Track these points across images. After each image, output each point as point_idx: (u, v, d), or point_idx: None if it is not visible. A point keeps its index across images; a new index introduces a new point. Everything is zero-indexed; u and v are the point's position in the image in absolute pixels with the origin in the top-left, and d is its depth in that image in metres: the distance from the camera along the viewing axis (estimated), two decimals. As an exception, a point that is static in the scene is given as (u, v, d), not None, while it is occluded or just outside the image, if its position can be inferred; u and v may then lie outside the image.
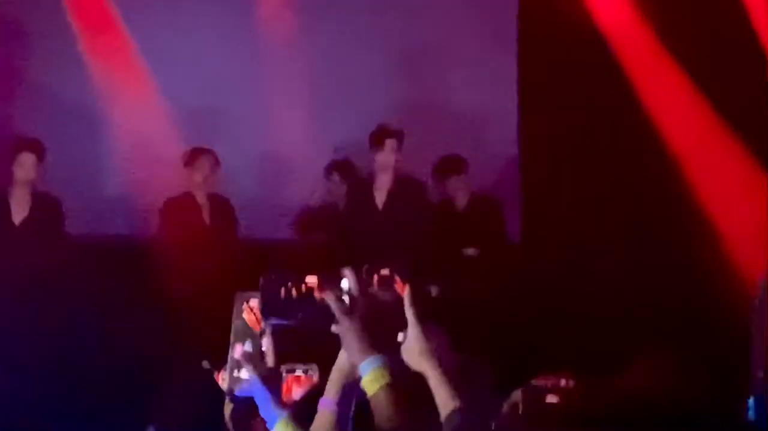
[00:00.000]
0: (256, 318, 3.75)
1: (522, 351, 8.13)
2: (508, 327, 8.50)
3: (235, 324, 3.83)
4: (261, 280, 3.34)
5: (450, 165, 9.28)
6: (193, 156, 9.11)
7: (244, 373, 3.76)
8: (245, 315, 3.77)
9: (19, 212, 8.98)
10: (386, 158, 8.97)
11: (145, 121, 9.66)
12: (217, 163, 9.15)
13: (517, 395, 3.60)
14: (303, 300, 3.35)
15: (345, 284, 3.36)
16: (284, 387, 3.70)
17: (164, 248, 8.84)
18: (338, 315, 3.38)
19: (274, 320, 3.46)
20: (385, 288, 3.32)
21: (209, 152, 9.12)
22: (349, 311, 3.37)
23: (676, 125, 9.40)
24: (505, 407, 3.65)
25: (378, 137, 8.97)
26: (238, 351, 3.77)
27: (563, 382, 3.50)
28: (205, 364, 4.05)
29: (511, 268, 9.14)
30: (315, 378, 3.73)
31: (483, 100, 9.96)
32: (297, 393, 3.79)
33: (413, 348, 3.30)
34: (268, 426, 3.75)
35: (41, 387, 8.12)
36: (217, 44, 9.79)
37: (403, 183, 9.07)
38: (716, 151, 9.34)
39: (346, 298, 3.36)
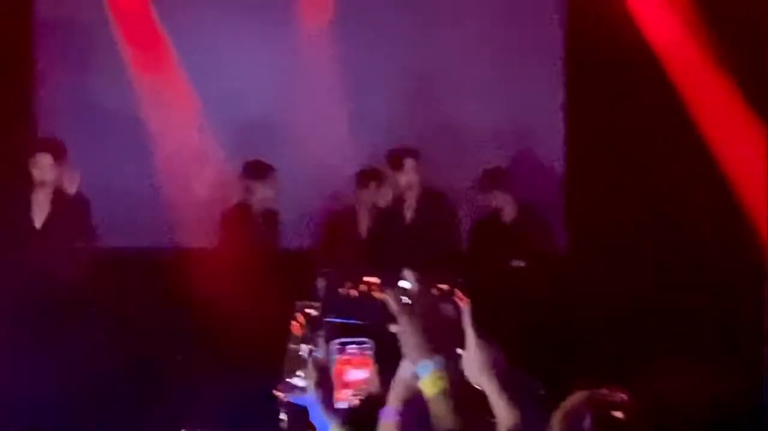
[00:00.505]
0: (309, 325, 3.65)
1: (567, 361, 7.99)
2: (554, 336, 8.37)
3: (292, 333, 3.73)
4: (320, 279, 3.23)
5: (494, 177, 9.21)
6: (264, 170, 9.06)
7: (297, 380, 3.66)
8: (297, 323, 3.67)
9: (40, 214, 8.71)
10: (409, 177, 9.02)
11: (186, 133, 9.66)
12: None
13: (574, 406, 3.47)
14: (362, 299, 3.25)
15: (404, 284, 3.25)
16: (336, 368, 3.57)
17: (222, 256, 8.78)
18: (398, 315, 3.27)
19: (332, 318, 3.36)
20: (446, 301, 3.23)
21: (274, 168, 9.08)
22: (409, 311, 3.26)
23: (726, 141, 9.23)
24: (562, 417, 3.52)
25: (397, 158, 9.02)
26: (293, 358, 3.67)
27: (622, 397, 3.38)
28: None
29: (558, 279, 8.95)
30: (370, 355, 3.60)
31: (530, 116, 9.89)
32: (351, 374, 3.66)
33: (473, 361, 3.29)
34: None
35: (74, 394, 8.01)
36: (252, 63, 9.85)
37: (429, 197, 9.10)
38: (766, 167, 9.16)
39: (405, 298, 3.25)
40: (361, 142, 9.62)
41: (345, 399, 3.63)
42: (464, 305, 3.32)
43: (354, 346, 3.64)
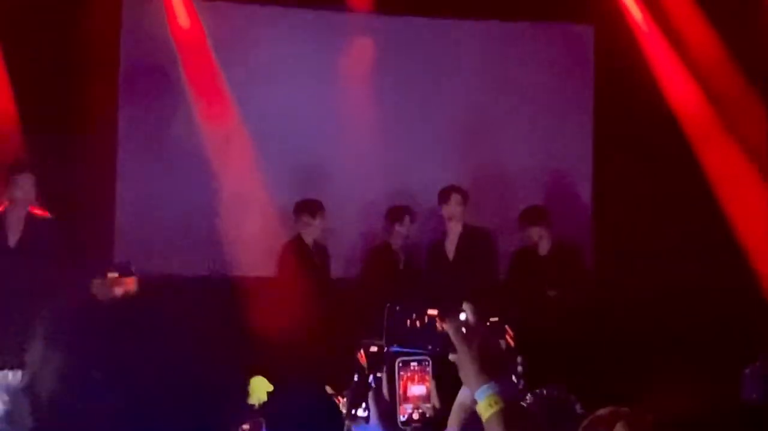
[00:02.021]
0: (372, 357, 3.65)
1: (598, 384, 7.94)
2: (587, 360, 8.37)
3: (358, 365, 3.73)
4: (386, 309, 3.24)
5: (533, 214, 9.41)
6: (316, 207, 9.23)
7: (361, 412, 3.65)
8: (361, 354, 3.67)
9: (14, 233, 8.41)
10: (453, 210, 9.24)
11: (245, 174, 9.75)
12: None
13: (600, 419, 3.46)
14: (425, 330, 3.26)
15: (463, 316, 3.26)
16: (400, 385, 3.56)
17: (283, 285, 8.90)
18: (457, 344, 3.28)
19: (396, 348, 3.37)
20: (497, 334, 3.23)
21: (323, 206, 9.22)
22: (468, 341, 3.26)
23: (733, 194, 9.32)
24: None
25: (445, 193, 9.28)
26: (356, 389, 3.66)
27: (645, 415, 3.35)
28: (328, 389, 3.96)
29: (591, 307, 8.97)
30: (429, 369, 3.59)
31: (563, 160, 10.03)
32: (412, 390, 3.65)
33: None
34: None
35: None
36: (307, 109, 9.93)
37: (471, 233, 9.28)
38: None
39: (464, 329, 3.25)
40: (407, 184, 9.69)
41: (405, 413, 3.61)
42: (512, 340, 3.31)
43: (415, 363, 3.62)
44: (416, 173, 9.89)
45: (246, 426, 5.03)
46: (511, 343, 3.17)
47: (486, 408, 3.28)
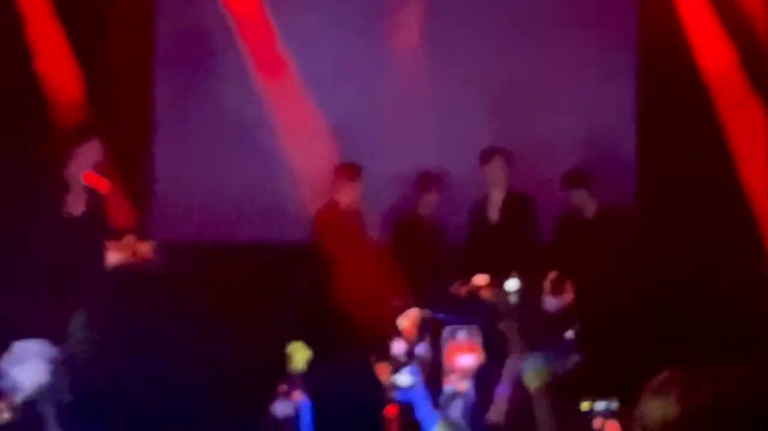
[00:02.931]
0: (414, 326, 3.59)
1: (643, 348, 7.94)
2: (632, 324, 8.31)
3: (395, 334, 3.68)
4: (431, 279, 3.18)
5: (575, 177, 9.23)
6: (355, 171, 9.12)
7: (403, 379, 3.60)
8: (402, 323, 3.61)
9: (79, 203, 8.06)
10: (495, 172, 9.05)
11: (297, 134, 9.63)
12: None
13: (662, 383, 3.39)
14: (471, 298, 3.19)
15: (510, 285, 3.19)
16: (446, 354, 3.50)
17: (319, 250, 8.80)
18: (504, 314, 3.21)
19: (442, 316, 3.30)
20: (558, 292, 3.17)
21: (362, 170, 9.15)
22: (515, 311, 3.20)
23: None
24: (650, 395, 3.44)
25: (488, 154, 9.09)
26: (397, 354, 3.61)
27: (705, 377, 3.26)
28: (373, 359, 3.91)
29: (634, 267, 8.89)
30: (479, 341, 3.52)
31: (606, 121, 9.85)
32: (461, 360, 3.58)
33: None
34: (424, 426, 3.60)
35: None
36: (353, 75, 9.77)
37: (514, 198, 9.11)
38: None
39: (511, 298, 3.19)
40: (448, 148, 9.60)
41: (453, 383, 3.56)
42: (570, 292, 3.25)
43: (464, 332, 3.56)
44: (455, 140, 9.71)
45: (285, 387, 4.99)
46: (571, 298, 3.11)
47: (532, 379, 3.23)
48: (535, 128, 9.80)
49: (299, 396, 4.87)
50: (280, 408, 4.83)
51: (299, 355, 4.92)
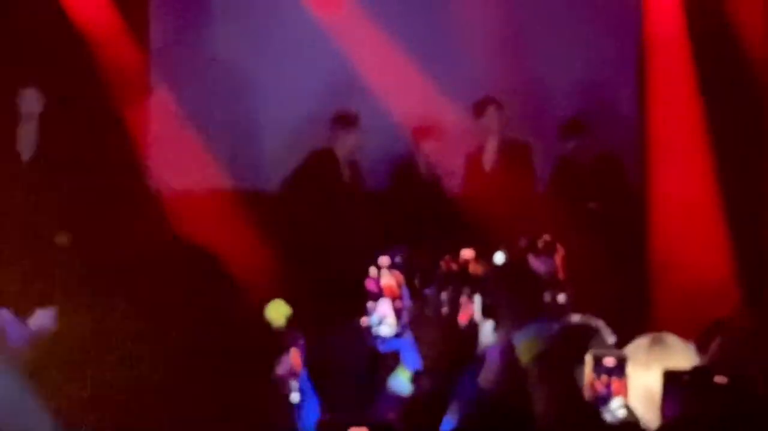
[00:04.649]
0: (396, 283, 3.57)
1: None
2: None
3: (367, 283, 3.67)
4: (417, 253, 3.15)
5: (572, 126, 9.18)
6: (351, 120, 9.05)
7: (384, 330, 3.60)
8: (384, 281, 3.58)
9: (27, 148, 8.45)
10: (489, 122, 9.04)
11: (293, 82, 9.59)
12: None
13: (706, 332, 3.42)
14: (459, 273, 3.16)
15: (498, 258, 3.16)
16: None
17: (306, 197, 8.89)
18: (493, 288, 3.18)
19: (429, 292, 3.27)
20: (548, 254, 3.15)
21: (359, 118, 9.05)
22: (504, 284, 3.17)
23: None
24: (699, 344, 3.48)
25: (481, 105, 9.07)
26: (377, 309, 3.60)
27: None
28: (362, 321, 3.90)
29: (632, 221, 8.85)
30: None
31: (605, 69, 9.78)
32: (466, 314, 3.54)
33: None
34: (410, 367, 3.62)
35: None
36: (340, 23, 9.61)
37: (508, 145, 9.09)
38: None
39: (500, 271, 3.16)
40: (443, 96, 9.50)
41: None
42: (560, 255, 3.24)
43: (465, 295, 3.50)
44: (448, 88, 9.61)
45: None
46: (561, 263, 3.10)
47: (524, 352, 3.21)
48: (533, 75, 9.73)
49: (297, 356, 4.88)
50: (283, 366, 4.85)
51: (277, 312, 4.91)
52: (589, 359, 3.12)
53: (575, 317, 3.81)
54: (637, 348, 3.65)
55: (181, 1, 9.82)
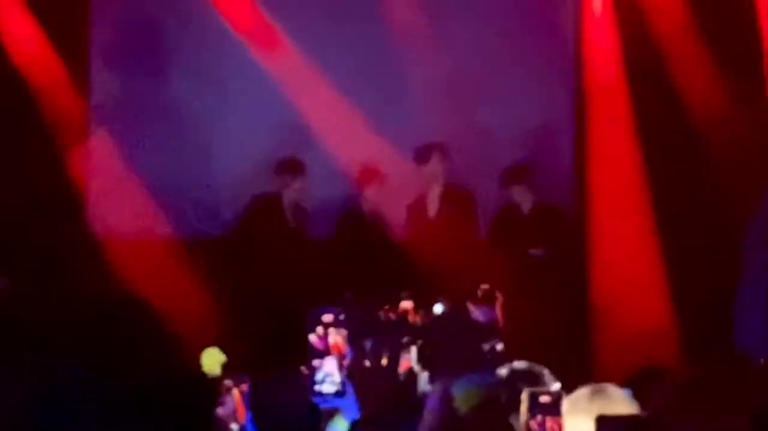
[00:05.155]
0: (342, 341, 3.57)
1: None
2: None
3: (312, 339, 3.65)
4: (357, 303, 3.15)
5: (515, 173, 9.20)
6: (297, 166, 9.07)
7: (327, 387, 3.59)
8: (331, 339, 3.58)
9: None
10: (433, 168, 9.05)
11: (240, 129, 9.63)
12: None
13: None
14: (398, 323, 3.16)
15: (437, 308, 3.17)
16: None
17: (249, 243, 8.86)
18: (432, 338, 3.19)
19: (369, 341, 3.28)
20: (488, 302, 3.16)
21: (305, 164, 9.09)
22: (443, 334, 3.18)
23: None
24: None
25: (425, 151, 9.06)
26: (323, 366, 3.58)
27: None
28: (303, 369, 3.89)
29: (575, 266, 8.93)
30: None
31: (545, 119, 9.85)
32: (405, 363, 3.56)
33: None
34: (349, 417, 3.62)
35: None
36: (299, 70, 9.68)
37: (452, 192, 9.10)
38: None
39: (439, 321, 3.17)
40: (390, 143, 9.55)
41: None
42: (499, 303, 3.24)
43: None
44: (394, 134, 9.64)
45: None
46: (500, 311, 3.10)
47: (462, 402, 3.22)
48: (477, 124, 9.78)
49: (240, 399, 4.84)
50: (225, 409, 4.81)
51: (212, 359, 4.88)
52: (524, 397, 3.13)
53: (520, 364, 3.81)
54: (578, 398, 3.66)
55: (124, 49, 9.77)
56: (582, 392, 3.64)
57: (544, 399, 3.10)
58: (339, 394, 3.66)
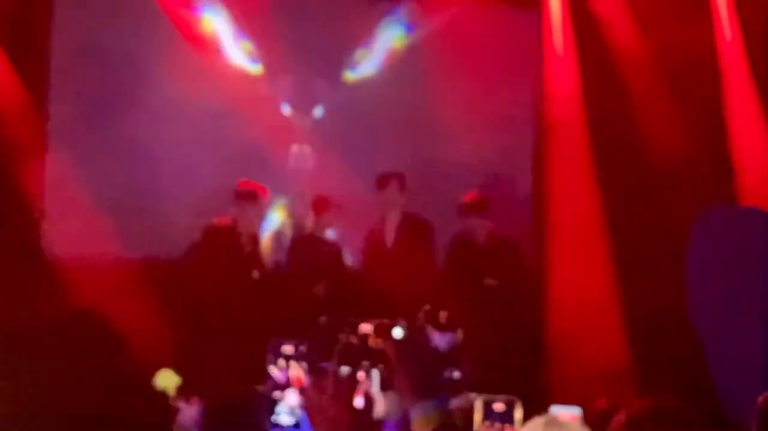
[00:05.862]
0: (303, 373, 3.56)
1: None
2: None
3: (273, 372, 3.65)
4: (317, 328, 3.15)
5: (474, 204, 9.20)
6: (256, 193, 9.03)
7: (285, 419, 3.58)
8: (292, 372, 3.58)
9: None
10: (391, 196, 9.08)
11: (197, 155, 9.63)
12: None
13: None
14: (358, 347, 3.16)
15: (397, 332, 3.17)
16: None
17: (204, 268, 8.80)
18: (392, 362, 3.19)
19: (328, 366, 3.27)
20: (451, 328, 3.17)
21: (265, 192, 9.07)
22: (402, 359, 3.17)
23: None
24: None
25: (384, 179, 9.11)
26: (284, 398, 3.58)
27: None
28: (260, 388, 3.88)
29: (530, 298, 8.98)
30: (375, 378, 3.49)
31: (503, 153, 9.96)
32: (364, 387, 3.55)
33: None
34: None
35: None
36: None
37: (409, 221, 9.12)
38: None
39: (398, 346, 3.17)
40: (346, 170, 9.58)
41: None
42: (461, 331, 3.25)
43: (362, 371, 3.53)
44: (351, 163, 9.68)
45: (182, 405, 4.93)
46: (461, 338, 3.11)
47: (421, 426, 3.21)
48: (436, 154, 9.84)
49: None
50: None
51: (166, 380, 4.85)
52: (478, 405, 3.13)
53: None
54: (533, 428, 3.66)
55: (82, 76, 9.74)
56: (537, 421, 3.64)
57: (497, 406, 3.11)
58: (297, 426, 3.65)
